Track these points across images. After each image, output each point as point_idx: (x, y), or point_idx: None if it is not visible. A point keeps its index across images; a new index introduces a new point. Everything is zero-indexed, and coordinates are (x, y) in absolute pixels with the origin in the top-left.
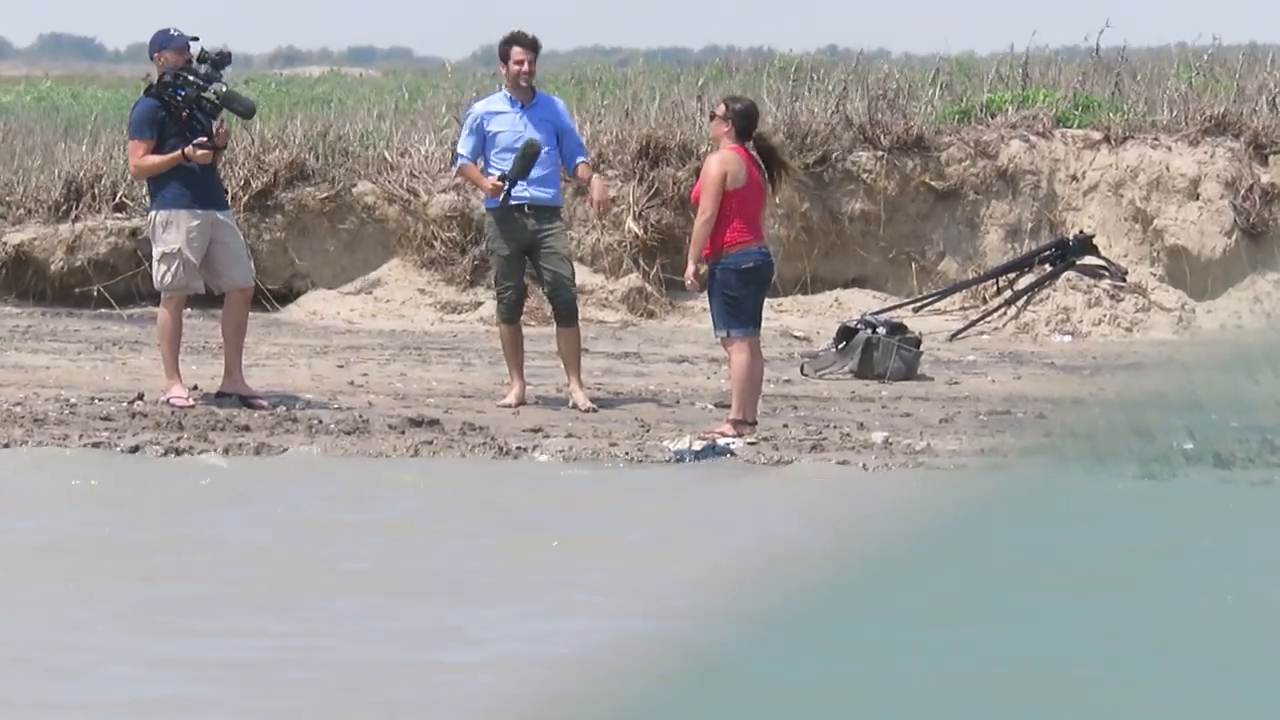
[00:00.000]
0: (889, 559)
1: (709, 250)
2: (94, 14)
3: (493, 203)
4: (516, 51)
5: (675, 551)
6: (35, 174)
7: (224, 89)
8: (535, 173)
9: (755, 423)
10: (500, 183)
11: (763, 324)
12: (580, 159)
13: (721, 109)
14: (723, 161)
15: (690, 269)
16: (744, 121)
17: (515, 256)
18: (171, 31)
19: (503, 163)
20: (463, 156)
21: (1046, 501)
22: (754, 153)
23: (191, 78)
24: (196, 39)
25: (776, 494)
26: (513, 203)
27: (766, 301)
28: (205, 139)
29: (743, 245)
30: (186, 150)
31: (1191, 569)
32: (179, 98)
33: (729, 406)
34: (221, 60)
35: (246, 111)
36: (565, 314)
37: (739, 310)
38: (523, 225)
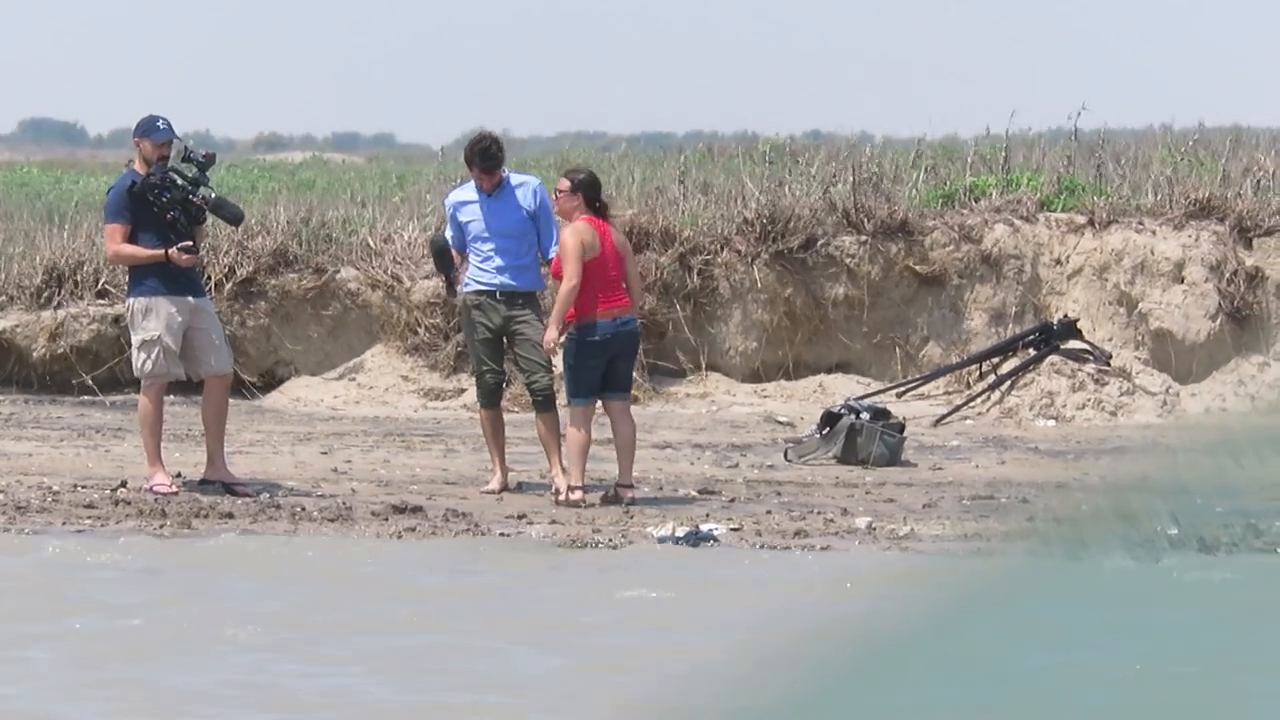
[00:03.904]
0: None
1: (572, 315)
2: (76, 99)
3: (465, 287)
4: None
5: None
6: (17, 260)
7: (213, 195)
8: (505, 261)
9: (584, 487)
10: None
11: (632, 388)
12: (554, 250)
13: (566, 184)
14: (576, 232)
15: (550, 334)
16: (590, 191)
17: (491, 341)
18: (159, 124)
19: (476, 251)
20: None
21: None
22: (608, 221)
23: (179, 180)
24: (182, 140)
25: None
26: (485, 288)
27: (751, 387)
28: (191, 244)
29: (597, 316)
30: (171, 253)
31: None
32: (164, 199)
33: (713, 493)
34: (207, 162)
35: (234, 219)
36: (540, 400)
37: (578, 380)
38: (495, 310)
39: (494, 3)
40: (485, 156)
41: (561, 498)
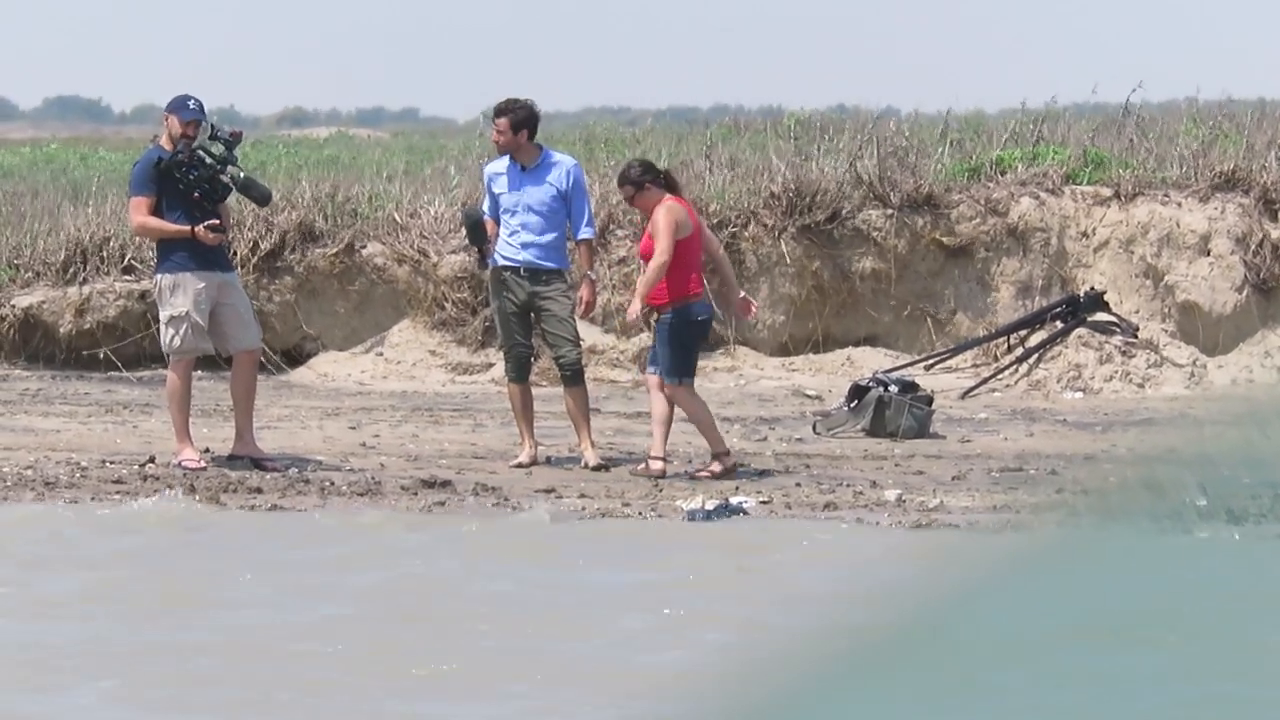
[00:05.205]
0: None
1: (665, 298)
2: (101, 76)
3: (493, 260)
4: (496, 121)
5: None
6: (43, 237)
7: (241, 175)
8: (531, 237)
9: (729, 451)
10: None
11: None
12: (583, 235)
13: (637, 172)
14: (670, 210)
15: (634, 306)
16: (659, 174)
17: (518, 316)
18: (190, 103)
19: (505, 224)
20: (484, 214)
21: None
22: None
23: (207, 159)
24: (211, 124)
25: None
26: (511, 264)
27: (779, 360)
28: (217, 221)
29: (697, 298)
30: (198, 230)
31: None
32: (191, 177)
33: (742, 466)
34: (234, 140)
35: (263, 199)
36: (569, 375)
37: (684, 360)
38: (520, 286)
39: None
40: (498, 111)
41: (593, 466)
